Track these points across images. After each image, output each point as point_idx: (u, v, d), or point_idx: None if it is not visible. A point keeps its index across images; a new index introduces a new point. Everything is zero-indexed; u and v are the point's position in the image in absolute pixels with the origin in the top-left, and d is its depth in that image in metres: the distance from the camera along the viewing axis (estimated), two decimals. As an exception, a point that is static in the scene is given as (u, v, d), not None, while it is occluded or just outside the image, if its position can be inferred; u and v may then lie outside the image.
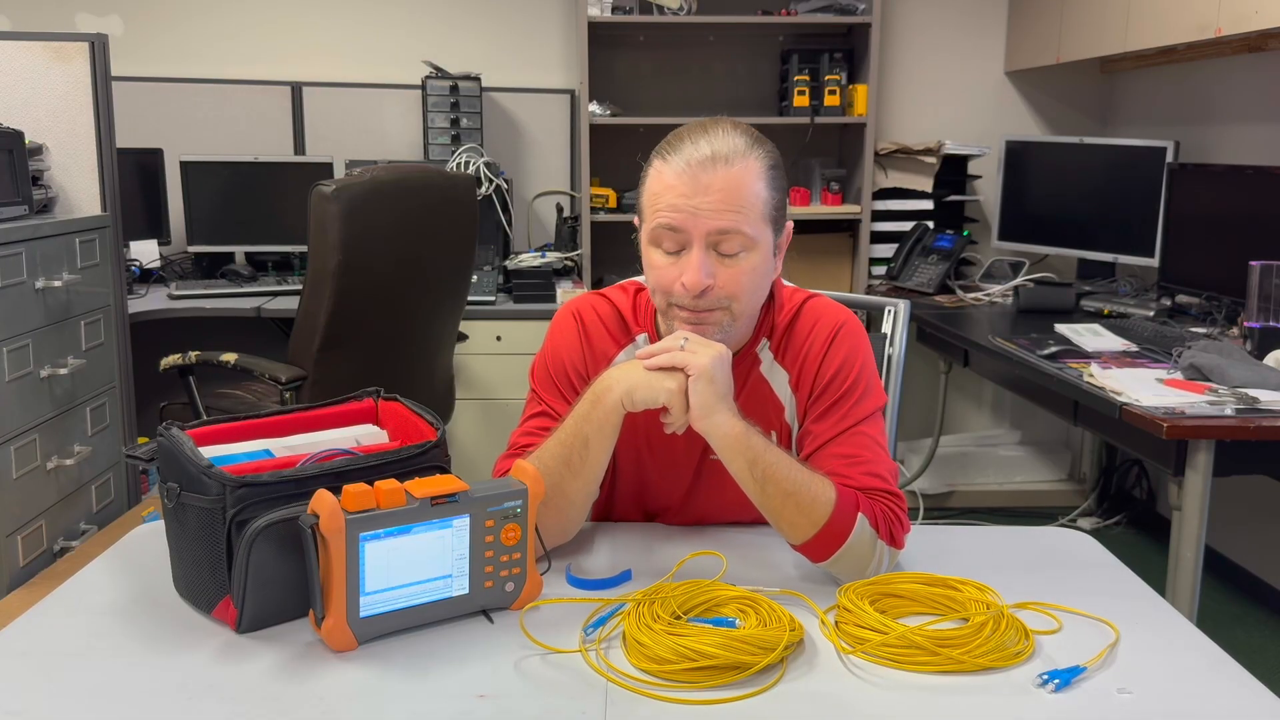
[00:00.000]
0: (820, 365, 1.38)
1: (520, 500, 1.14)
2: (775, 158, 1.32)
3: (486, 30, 3.88)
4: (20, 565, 2.40)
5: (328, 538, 1.04)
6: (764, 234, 1.29)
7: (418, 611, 1.11)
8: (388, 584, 1.08)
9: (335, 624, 1.06)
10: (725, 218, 1.25)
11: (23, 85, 2.70)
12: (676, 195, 1.26)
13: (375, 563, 1.07)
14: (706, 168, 1.25)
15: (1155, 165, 3.26)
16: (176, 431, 1.15)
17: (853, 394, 1.36)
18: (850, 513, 1.24)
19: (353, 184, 2.45)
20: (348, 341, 2.52)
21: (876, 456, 1.33)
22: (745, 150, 1.28)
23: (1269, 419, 2.03)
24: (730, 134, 1.28)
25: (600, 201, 3.64)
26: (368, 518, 1.06)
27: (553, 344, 1.46)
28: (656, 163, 1.31)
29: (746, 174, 1.27)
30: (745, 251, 1.28)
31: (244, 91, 3.77)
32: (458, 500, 1.10)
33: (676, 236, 1.27)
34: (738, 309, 1.31)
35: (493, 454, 1.41)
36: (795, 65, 3.66)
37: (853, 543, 1.23)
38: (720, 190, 1.25)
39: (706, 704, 1.00)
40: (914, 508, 3.88)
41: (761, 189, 1.28)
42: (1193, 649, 1.13)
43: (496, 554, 1.14)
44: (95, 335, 2.70)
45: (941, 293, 3.48)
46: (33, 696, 1.00)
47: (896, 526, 1.28)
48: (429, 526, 1.09)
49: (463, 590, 1.13)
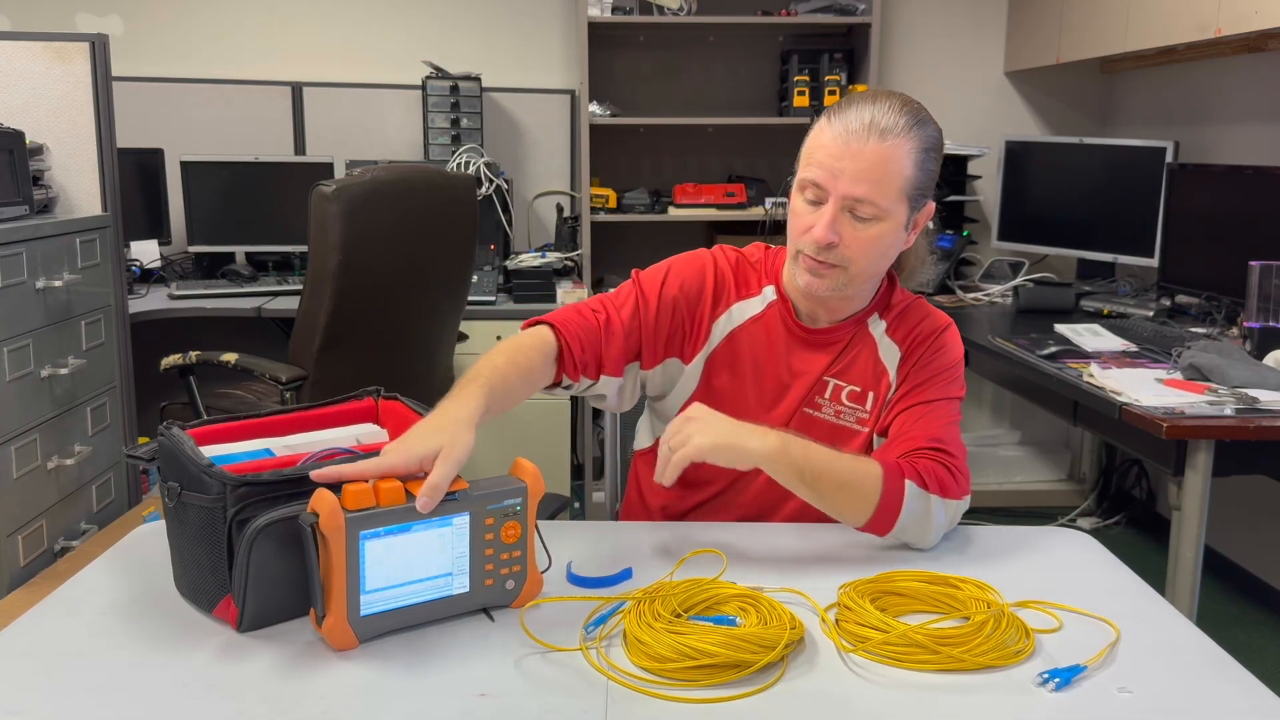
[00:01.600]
0: (927, 348, 1.47)
1: (520, 498, 1.14)
2: (933, 140, 1.41)
3: (487, 30, 3.88)
4: (21, 565, 2.40)
5: (328, 536, 1.04)
6: (898, 208, 1.38)
7: (418, 610, 1.10)
8: (388, 582, 1.08)
9: (336, 623, 1.06)
10: (862, 187, 1.34)
11: (23, 85, 2.70)
12: (827, 154, 1.36)
13: (375, 561, 1.07)
14: (860, 136, 1.34)
15: (1155, 165, 3.26)
16: (177, 431, 1.15)
17: (946, 378, 1.46)
18: (898, 481, 1.30)
19: (353, 184, 2.46)
20: (348, 341, 2.53)
21: (943, 427, 1.41)
22: (904, 129, 1.36)
23: (1268, 419, 2.03)
24: (894, 110, 1.36)
25: (600, 201, 3.64)
26: (367, 516, 1.05)
27: (678, 268, 1.53)
28: (822, 120, 1.40)
29: (897, 151, 1.35)
30: (876, 220, 1.36)
31: (244, 91, 3.77)
32: (457, 499, 1.10)
33: (818, 191, 1.37)
34: (855, 270, 1.40)
35: (493, 454, 1.41)
36: (795, 65, 3.66)
37: (910, 508, 1.30)
38: (867, 160, 1.34)
39: (707, 702, 1.00)
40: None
41: (907, 167, 1.36)
42: (1193, 649, 1.13)
43: (497, 552, 1.13)
44: (96, 335, 2.71)
45: (941, 293, 3.48)
46: (33, 696, 1.00)
47: (947, 479, 1.34)
48: (429, 525, 1.09)
49: (463, 589, 1.12)
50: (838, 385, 1.48)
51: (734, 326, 1.51)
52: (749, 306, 1.51)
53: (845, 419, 1.48)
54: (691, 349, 1.51)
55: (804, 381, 1.48)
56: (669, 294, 1.50)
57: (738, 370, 1.50)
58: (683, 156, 3.92)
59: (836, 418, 1.48)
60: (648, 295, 1.49)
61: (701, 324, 1.51)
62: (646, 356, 1.50)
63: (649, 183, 3.83)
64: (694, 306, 1.51)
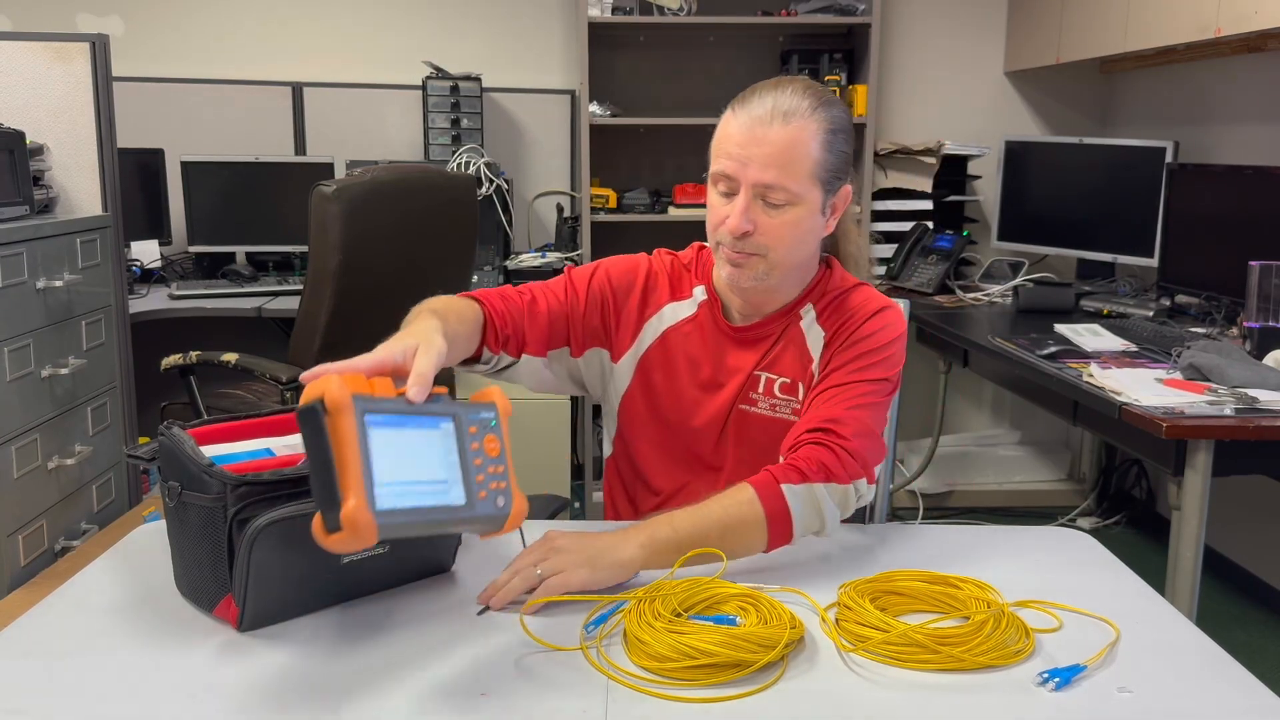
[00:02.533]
0: (852, 332, 1.45)
1: (493, 413, 1.11)
2: (840, 122, 1.39)
3: (487, 30, 3.88)
4: (21, 565, 2.40)
5: (336, 415, 0.97)
6: (811, 192, 1.37)
7: (426, 513, 1.03)
8: (393, 478, 1.01)
9: (357, 506, 0.96)
10: (771, 172, 1.34)
11: (24, 85, 2.70)
12: (734, 144, 1.36)
13: (380, 452, 1.00)
14: (764, 122, 1.34)
15: (1155, 165, 3.26)
16: (177, 431, 1.15)
17: (867, 360, 1.42)
18: (774, 491, 1.28)
19: (353, 184, 2.46)
20: (348, 341, 2.51)
21: (846, 409, 1.37)
22: (807, 111, 1.35)
23: (1268, 419, 2.03)
24: (797, 94, 1.36)
25: (600, 202, 3.65)
26: (368, 399, 1.01)
27: (609, 264, 1.54)
28: (728, 112, 1.40)
29: (802, 133, 1.34)
30: (789, 205, 1.36)
31: (244, 91, 3.77)
32: (440, 402, 1.08)
33: (729, 182, 1.38)
34: (774, 258, 1.39)
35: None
36: (795, 66, 3.66)
37: (798, 509, 1.28)
38: (773, 144, 1.34)
39: (707, 701, 1.00)
40: (913, 507, 3.89)
41: (815, 150, 1.35)
42: (1193, 648, 1.13)
43: (484, 463, 1.09)
44: (96, 335, 2.71)
45: (941, 293, 3.48)
46: (33, 696, 1.00)
47: (831, 461, 1.31)
48: (421, 424, 1.05)
49: (460, 499, 1.06)
50: (769, 378, 1.48)
51: (666, 327, 1.51)
52: (681, 308, 1.52)
53: (781, 411, 1.47)
54: (619, 345, 1.52)
55: (737, 379, 1.49)
56: (597, 284, 1.52)
57: (672, 371, 1.51)
58: (683, 156, 3.92)
59: (772, 410, 1.47)
60: (576, 284, 1.51)
61: (629, 321, 1.52)
62: (575, 343, 1.51)
63: (649, 183, 3.83)
64: (622, 301, 1.52)
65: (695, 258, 1.56)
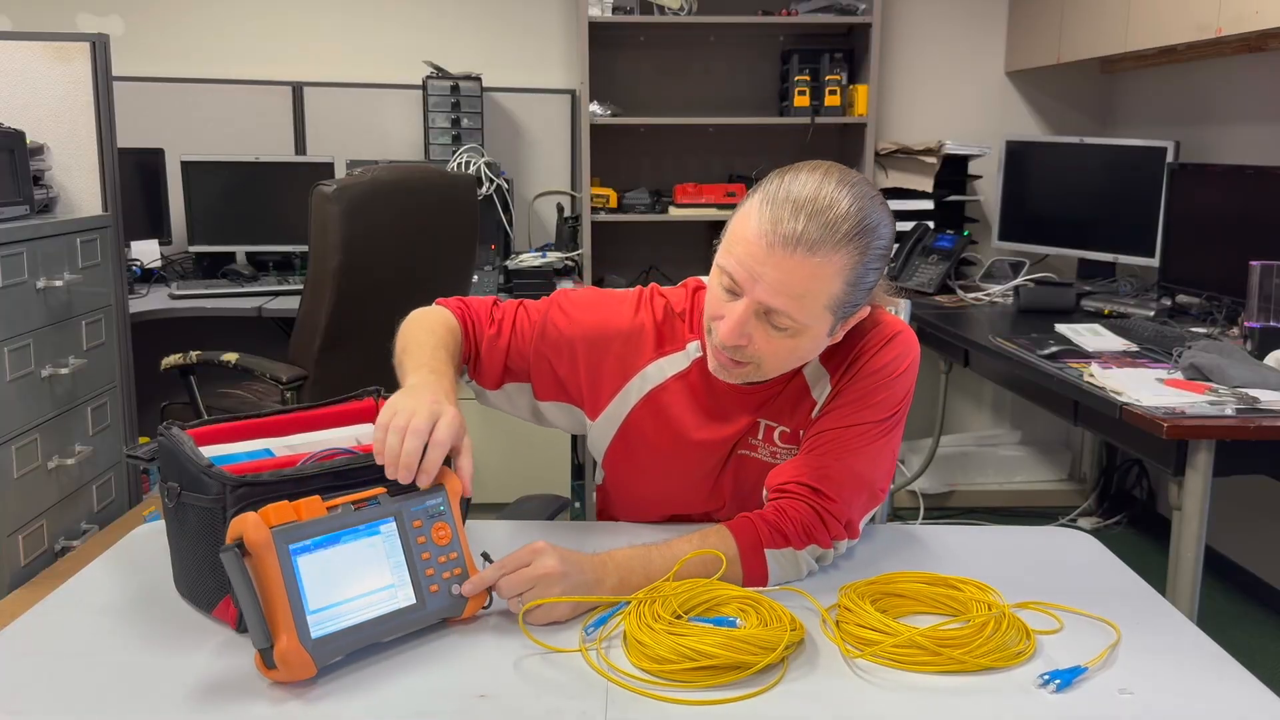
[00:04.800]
0: (863, 365, 1.34)
1: (440, 498, 1.12)
2: (877, 250, 1.23)
3: (487, 30, 3.88)
4: (21, 565, 2.40)
5: (257, 554, 1.00)
6: (820, 321, 1.23)
7: (370, 627, 1.05)
8: (329, 600, 1.03)
9: (289, 644, 0.99)
10: (780, 300, 1.19)
11: (24, 85, 2.70)
12: (748, 252, 1.20)
13: (312, 579, 1.02)
14: (787, 244, 1.17)
15: (1155, 165, 3.26)
16: (177, 431, 1.15)
17: (867, 401, 1.33)
18: (758, 557, 1.25)
19: (353, 184, 2.46)
20: (348, 341, 2.53)
21: (836, 460, 1.30)
22: (838, 243, 1.18)
23: (1269, 419, 2.03)
24: (834, 220, 1.18)
25: (601, 201, 3.64)
26: (291, 528, 1.02)
27: (592, 317, 1.43)
28: (757, 199, 1.22)
29: (825, 268, 1.18)
30: (792, 332, 1.23)
31: (244, 91, 3.77)
32: (378, 504, 1.08)
33: (734, 284, 1.22)
34: (768, 368, 1.29)
35: (493, 454, 1.41)
36: (795, 65, 3.66)
37: (777, 574, 1.26)
38: (789, 274, 1.18)
39: (707, 704, 1.00)
40: (914, 507, 3.89)
41: (836, 287, 1.20)
42: (1193, 649, 1.13)
43: (434, 555, 1.10)
44: (96, 335, 2.71)
45: (942, 293, 3.48)
46: (33, 696, 1.00)
47: (815, 526, 1.27)
48: (357, 534, 1.06)
49: (409, 600, 1.08)
50: (769, 426, 1.39)
51: (650, 388, 1.41)
52: (670, 364, 1.41)
53: (780, 458, 1.38)
54: (594, 404, 1.43)
55: (736, 426, 1.39)
56: (554, 334, 1.42)
57: (662, 427, 1.41)
58: (683, 156, 3.92)
59: (772, 458, 1.39)
60: (549, 331, 1.42)
61: (606, 381, 1.42)
62: (539, 388, 1.44)
63: (649, 183, 3.83)
64: (597, 360, 1.42)
65: (690, 304, 1.43)
